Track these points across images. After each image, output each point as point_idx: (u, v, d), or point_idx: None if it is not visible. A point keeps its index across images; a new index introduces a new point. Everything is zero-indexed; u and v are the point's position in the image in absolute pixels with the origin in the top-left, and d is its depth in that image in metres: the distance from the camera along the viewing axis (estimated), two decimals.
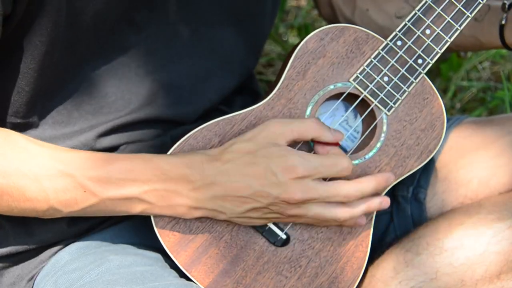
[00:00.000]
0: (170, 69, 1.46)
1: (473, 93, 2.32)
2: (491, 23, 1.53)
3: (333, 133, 1.39)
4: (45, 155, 1.33)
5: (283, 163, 1.33)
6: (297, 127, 1.37)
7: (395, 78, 1.43)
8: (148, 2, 1.41)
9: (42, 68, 1.36)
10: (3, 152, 1.31)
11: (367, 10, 1.64)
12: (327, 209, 1.36)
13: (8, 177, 1.31)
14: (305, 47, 1.42)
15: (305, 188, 1.34)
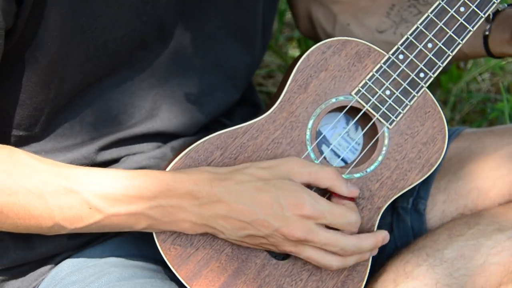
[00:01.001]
0: (174, 83, 1.46)
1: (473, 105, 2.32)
2: (475, 34, 1.53)
3: (349, 188, 1.38)
4: (50, 172, 1.33)
5: (292, 198, 1.33)
6: (316, 172, 1.36)
7: (397, 91, 1.43)
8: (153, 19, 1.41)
9: (44, 82, 1.36)
10: (8, 170, 1.31)
11: (348, 24, 1.65)
12: (322, 255, 1.37)
13: (13, 195, 1.31)
14: (307, 61, 1.42)
15: (306, 228, 1.34)
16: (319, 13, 1.66)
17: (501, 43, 1.52)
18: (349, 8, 1.64)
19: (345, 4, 1.65)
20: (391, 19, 1.61)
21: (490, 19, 1.53)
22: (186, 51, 1.46)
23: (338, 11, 1.65)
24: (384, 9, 1.63)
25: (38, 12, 1.31)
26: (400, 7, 1.62)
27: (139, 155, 1.47)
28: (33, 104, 1.38)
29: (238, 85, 1.55)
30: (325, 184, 1.38)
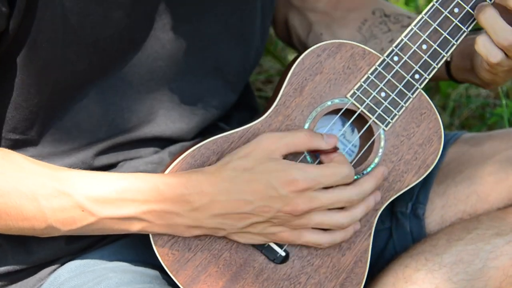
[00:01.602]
0: (172, 87, 1.47)
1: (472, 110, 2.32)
2: None
3: (326, 140, 1.39)
4: (43, 174, 1.33)
5: (283, 177, 1.34)
6: (291, 140, 1.37)
7: (392, 93, 1.43)
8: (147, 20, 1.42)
9: (39, 84, 1.37)
10: (1, 171, 1.31)
11: (321, 34, 1.66)
12: (329, 216, 1.37)
13: (6, 196, 1.31)
14: (302, 64, 1.43)
15: (307, 199, 1.34)
16: (295, 20, 1.68)
17: (463, 71, 1.55)
18: (324, 18, 1.66)
19: (320, 13, 1.66)
20: (362, 33, 1.63)
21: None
22: (183, 54, 1.46)
23: (314, 20, 1.66)
24: (357, 23, 1.65)
25: (31, 13, 1.31)
26: (371, 23, 1.64)
27: (137, 160, 1.47)
28: (28, 107, 1.39)
29: (236, 89, 1.55)
30: (303, 147, 1.38)
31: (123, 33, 1.39)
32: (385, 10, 1.64)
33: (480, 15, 1.38)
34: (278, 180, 1.33)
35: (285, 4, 1.67)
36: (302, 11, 1.66)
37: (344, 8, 1.66)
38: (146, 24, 1.41)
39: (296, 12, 1.67)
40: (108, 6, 1.36)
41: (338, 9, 1.65)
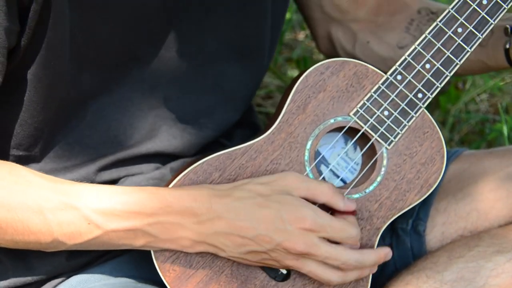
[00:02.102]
0: (173, 104, 1.47)
1: (471, 125, 2.33)
2: (495, 47, 1.54)
3: (346, 203, 1.39)
4: (49, 187, 1.33)
5: (294, 212, 1.34)
6: (313, 187, 1.37)
7: (395, 112, 1.43)
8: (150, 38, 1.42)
9: (46, 101, 1.37)
10: (7, 186, 1.31)
11: (368, 42, 1.65)
12: (323, 270, 1.37)
13: (12, 210, 1.31)
14: (305, 81, 1.43)
15: (309, 241, 1.34)
16: (338, 32, 1.67)
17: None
18: (368, 26, 1.65)
19: (363, 22, 1.65)
20: (411, 34, 1.62)
21: (508, 33, 1.52)
22: (185, 72, 1.47)
23: (358, 30, 1.65)
24: (403, 24, 1.64)
25: (41, 31, 1.31)
26: (419, 22, 1.63)
27: (138, 176, 1.47)
28: (34, 124, 1.39)
29: (238, 105, 1.55)
30: (322, 199, 1.38)
31: (127, 50, 1.40)
32: (430, 8, 1.63)
33: None
34: (289, 214, 1.33)
35: (325, 19, 1.66)
36: (344, 22, 1.66)
37: (387, 12, 1.64)
38: (149, 42, 1.41)
39: (338, 25, 1.66)
40: (113, 24, 1.36)
41: (380, 14, 1.64)
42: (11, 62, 1.33)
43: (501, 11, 1.42)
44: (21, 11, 1.29)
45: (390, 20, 1.64)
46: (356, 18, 1.65)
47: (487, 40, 1.52)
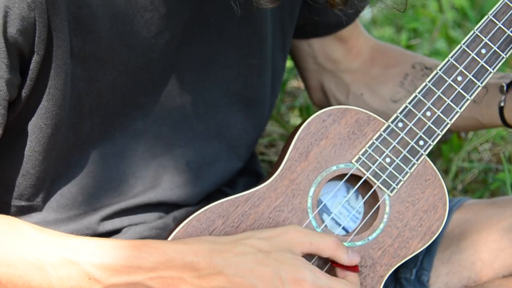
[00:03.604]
0: (176, 153, 1.47)
1: (474, 175, 2.33)
2: (489, 105, 1.55)
3: (350, 257, 1.39)
4: (50, 242, 1.32)
5: (293, 273, 1.33)
6: (316, 241, 1.37)
7: (397, 159, 1.44)
8: (152, 86, 1.43)
9: (47, 151, 1.37)
10: (8, 241, 1.31)
11: (361, 94, 1.66)
12: None
13: (13, 266, 1.30)
14: (307, 129, 1.44)
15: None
16: (331, 83, 1.68)
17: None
18: (361, 78, 1.67)
19: (357, 73, 1.67)
20: (405, 88, 1.63)
21: (504, 91, 1.54)
22: (187, 121, 1.48)
23: (351, 81, 1.67)
24: (398, 79, 1.65)
25: (42, 82, 1.32)
26: (413, 77, 1.65)
27: (141, 226, 1.47)
28: (35, 174, 1.39)
29: (241, 154, 1.56)
30: (326, 253, 1.38)
31: (129, 99, 1.41)
32: (425, 63, 1.64)
33: None
34: (288, 274, 1.33)
35: (318, 70, 1.68)
36: (337, 73, 1.67)
37: (381, 66, 1.66)
38: (152, 91, 1.43)
39: (331, 76, 1.67)
40: (115, 73, 1.37)
41: (374, 67, 1.66)
42: (11, 113, 1.33)
43: (499, 60, 1.44)
44: (22, 63, 1.30)
45: (384, 73, 1.66)
46: (349, 69, 1.67)
47: (482, 97, 1.54)
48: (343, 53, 1.66)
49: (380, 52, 1.67)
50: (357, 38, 1.66)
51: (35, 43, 1.29)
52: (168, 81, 1.44)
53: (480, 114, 1.56)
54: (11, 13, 1.25)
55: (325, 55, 1.66)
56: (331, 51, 1.65)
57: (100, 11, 1.33)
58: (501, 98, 1.54)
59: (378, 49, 1.67)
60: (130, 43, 1.37)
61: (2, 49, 1.27)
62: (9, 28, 1.26)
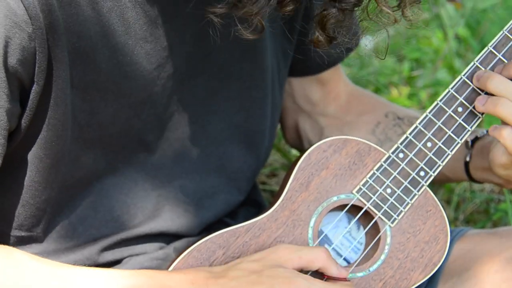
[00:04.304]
0: (177, 185, 1.47)
1: (476, 205, 2.32)
2: (456, 160, 1.56)
3: (339, 270, 1.40)
4: (46, 272, 1.32)
5: (287, 285, 1.33)
6: (305, 255, 1.38)
7: (398, 190, 1.44)
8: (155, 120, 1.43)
9: (48, 181, 1.37)
10: (3, 271, 1.30)
11: None
12: None
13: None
14: (308, 159, 1.44)
15: None
16: (306, 125, 1.69)
17: (482, 170, 1.56)
18: (335, 122, 1.68)
19: (332, 118, 1.68)
20: (376, 136, 1.65)
21: (469, 146, 1.56)
22: (189, 153, 1.48)
23: (325, 125, 1.68)
24: (370, 126, 1.67)
25: (42, 112, 1.33)
26: (385, 126, 1.66)
27: (142, 256, 1.46)
28: (36, 204, 1.39)
29: (241, 186, 1.56)
30: (317, 265, 1.38)
31: (130, 132, 1.41)
32: (398, 113, 1.66)
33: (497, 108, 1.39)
34: (282, 286, 1.33)
35: (295, 110, 1.69)
36: (313, 115, 1.69)
37: (356, 112, 1.68)
38: (155, 125, 1.43)
39: (307, 117, 1.69)
40: (116, 105, 1.38)
41: (349, 113, 1.68)
42: (11, 143, 1.33)
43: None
44: (22, 93, 1.30)
45: (357, 120, 1.67)
46: (325, 113, 1.68)
47: None
48: (321, 96, 1.67)
49: (356, 98, 1.69)
50: (336, 82, 1.68)
51: (35, 73, 1.29)
52: (171, 114, 1.44)
53: (447, 169, 1.56)
54: (11, 43, 1.26)
55: (304, 95, 1.67)
56: (310, 93, 1.67)
57: (100, 42, 1.33)
58: (466, 154, 1.56)
59: (355, 95, 1.70)
60: (131, 74, 1.37)
61: (2, 79, 1.27)
62: (9, 58, 1.26)
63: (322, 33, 1.28)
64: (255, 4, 1.22)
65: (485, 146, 1.52)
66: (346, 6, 1.27)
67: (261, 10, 1.23)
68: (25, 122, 1.32)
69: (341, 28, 1.29)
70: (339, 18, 1.28)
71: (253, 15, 1.23)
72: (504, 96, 1.40)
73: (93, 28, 1.32)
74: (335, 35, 1.29)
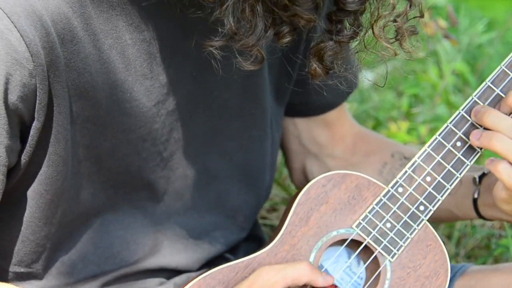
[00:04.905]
0: (176, 221, 1.47)
1: (477, 240, 2.32)
2: (464, 196, 1.56)
3: (324, 277, 1.40)
4: None
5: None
6: (290, 273, 1.38)
7: (397, 224, 1.44)
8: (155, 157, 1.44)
9: (47, 217, 1.37)
10: None
11: None
12: None
13: None
14: (308, 194, 1.44)
15: None
16: (314, 166, 1.70)
17: (491, 207, 1.55)
18: (342, 164, 1.68)
19: (339, 159, 1.69)
20: (383, 177, 1.65)
21: (477, 183, 1.56)
22: (188, 190, 1.48)
23: (332, 166, 1.68)
24: (377, 167, 1.67)
25: (42, 148, 1.33)
26: (392, 166, 1.66)
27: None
28: (35, 240, 1.39)
29: (242, 224, 1.56)
30: (303, 281, 1.38)
31: (131, 169, 1.41)
32: (404, 153, 1.66)
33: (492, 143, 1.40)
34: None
35: (302, 152, 1.69)
36: (320, 157, 1.68)
37: (362, 153, 1.68)
38: (156, 163, 1.43)
39: (314, 159, 1.69)
40: (116, 142, 1.38)
41: (355, 154, 1.68)
42: (11, 179, 1.33)
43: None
44: (22, 129, 1.31)
45: (364, 161, 1.68)
46: (332, 154, 1.69)
47: (456, 190, 1.54)
48: (328, 138, 1.68)
49: (362, 139, 1.70)
50: (342, 123, 1.68)
51: (35, 110, 1.30)
52: (172, 152, 1.45)
53: (455, 206, 1.57)
54: (12, 80, 1.26)
55: (310, 137, 1.68)
56: (316, 134, 1.67)
57: (100, 78, 1.34)
58: (474, 190, 1.56)
59: (361, 136, 1.70)
60: (130, 111, 1.38)
61: (2, 115, 1.27)
62: (10, 95, 1.27)
63: (319, 64, 1.29)
64: (251, 36, 1.23)
65: (492, 182, 1.52)
66: (343, 39, 1.28)
67: (258, 41, 1.24)
68: (25, 158, 1.32)
69: (338, 60, 1.30)
70: (336, 50, 1.29)
71: (251, 47, 1.24)
72: (500, 131, 1.40)
73: (93, 65, 1.33)
74: (333, 66, 1.30)
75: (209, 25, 1.26)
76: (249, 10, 1.22)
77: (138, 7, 1.34)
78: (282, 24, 1.24)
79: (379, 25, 1.28)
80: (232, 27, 1.23)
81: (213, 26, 1.26)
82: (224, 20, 1.23)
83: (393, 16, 1.29)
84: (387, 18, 1.28)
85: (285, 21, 1.24)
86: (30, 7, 1.26)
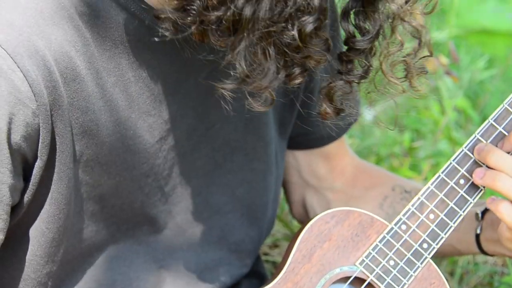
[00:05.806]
0: (179, 257, 1.47)
1: (480, 277, 2.31)
2: (466, 232, 1.56)
3: None
4: None
5: None
6: None
7: (401, 262, 1.43)
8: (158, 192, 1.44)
9: (49, 256, 1.37)
10: None
11: None
12: None
13: None
14: (311, 231, 1.44)
15: None
16: (313, 199, 1.69)
17: (493, 243, 1.55)
18: (343, 197, 1.69)
19: (339, 192, 1.69)
20: (384, 210, 1.65)
21: (479, 218, 1.56)
22: (191, 225, 1.48)
23: (332, 199, 1.68)
24: (377, 200, 1.67)
25: (45, 187, 1.33)
26: (393, 199, 1.66)
27: None
28: (37, 279, 1.38)
29: (244, 259, 1.55)
30: None
31: (134, 205, 1.41)
32: (405, 186, 1.67)
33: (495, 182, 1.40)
34: None
35: (302, 185, 1.69)
36: (320, 190, 1.69)
37: (363, 186, 1.68)
38: (158, 198, 1.43)
39: (314, 192, 1.69)
40: (120, 179, 1.38)
41: (356, 187, 1.68)
42: (14, 217, 1.33)
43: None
44: (25, 168, 1.31)
45: (364, 195, 1.68)
46: (332, 187, 1.69)
47: (459, 225, 1.54)
48: (327, 170, 1.68)
49: (363, 172, 1.70)
50: (342, 156, 1.68)
51: (38, 149, 1.30)
52: (174, 187, 1.45)
53: (458, 241, 1.56)
54: (15, 119, 1.27)
55: (310, 170, 1.68)
56: (316, 167, 1.67)
57: (103, 116, 1.34)
58: (477, 226, 1.56)
59: (361, 169, 1.70)
60: (134, 147, 1.38)
61: (5, 155, 1.27)
62: (13, 134, 1.27)
63: (330, 105, 1.30)
64: (264, 78, 1.23)
65: (495, 218, 1.51)
66: (352, 78, 1.29)
67: (270, 84, 1.24)
68: (28, 197, 1.32)
69: (348, 100, 1.30)
70: (346, 90, 1.29)
71: (262, 89, 1.24)
72: (503, 171, 1.40)
73: (97, 103, 1.33)
74: (343, 106, 1.30)
75: (214, 63, 1.27)
76: (261, 53, 1.22)
77: (143, 46, 1.35)
78: (293, 66, 1.25)
79: (388, 63, 1.28)
80: (244, 71, 1.23)
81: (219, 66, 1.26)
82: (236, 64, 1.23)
83: (403, 54, 1.29)
84: (396, 56, 1.29)
85: (296, 63, 1.24)
86: (33, 47, 1.26)
